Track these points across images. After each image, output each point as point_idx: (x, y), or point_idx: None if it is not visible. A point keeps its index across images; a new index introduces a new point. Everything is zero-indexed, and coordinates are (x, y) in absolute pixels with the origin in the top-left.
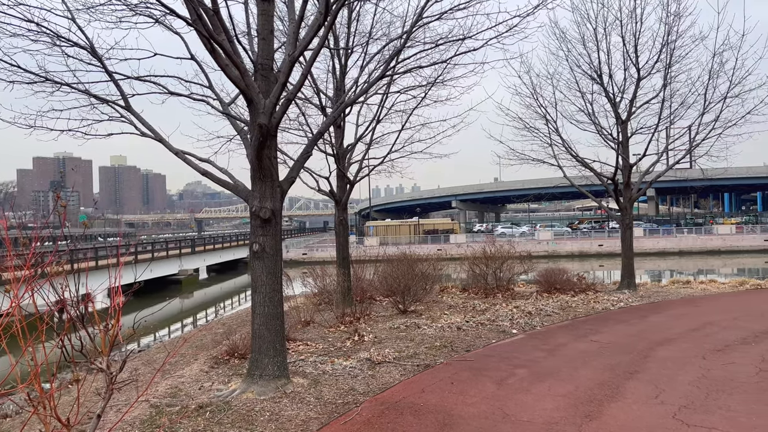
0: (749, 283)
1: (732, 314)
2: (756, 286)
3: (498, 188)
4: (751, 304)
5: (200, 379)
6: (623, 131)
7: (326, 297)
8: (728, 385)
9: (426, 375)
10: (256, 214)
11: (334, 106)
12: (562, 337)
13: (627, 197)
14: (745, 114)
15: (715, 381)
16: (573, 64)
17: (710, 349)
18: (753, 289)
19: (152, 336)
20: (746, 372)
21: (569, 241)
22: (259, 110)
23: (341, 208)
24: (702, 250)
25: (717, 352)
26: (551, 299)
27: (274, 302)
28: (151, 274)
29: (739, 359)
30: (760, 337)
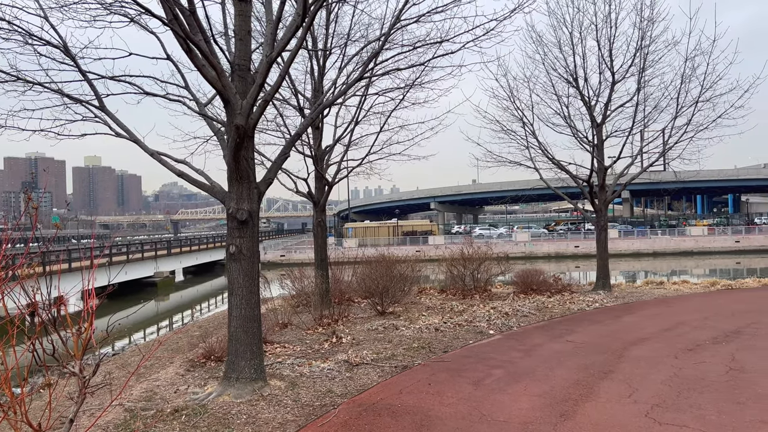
0: (720, 284)
1: (703, 314)
2: (726, 286)
3: (476, 190)
4: (722, 304)
5: (176, 383)
6: (598, 134)
7: (304, 299)
8: (699, 384)
9: (404, 376)
10: (232, 216)
11: (312, 107)
12: (539, 338)
13: (602, 199)
14: (717, 118)
15: (686, 380)
16: (549, 68)
17: (682, 348)
18: (724, 290)
19: (127, 339)
20: (716, 371)
21: (546, 242)
22: (236, 111)
23: (319, 209)
24: (675, 251)
25: (688, 351)
26: (528, 300)
27: (251, 304)
28: (126, 276)
29: (710, 358)
30: (730, 336)
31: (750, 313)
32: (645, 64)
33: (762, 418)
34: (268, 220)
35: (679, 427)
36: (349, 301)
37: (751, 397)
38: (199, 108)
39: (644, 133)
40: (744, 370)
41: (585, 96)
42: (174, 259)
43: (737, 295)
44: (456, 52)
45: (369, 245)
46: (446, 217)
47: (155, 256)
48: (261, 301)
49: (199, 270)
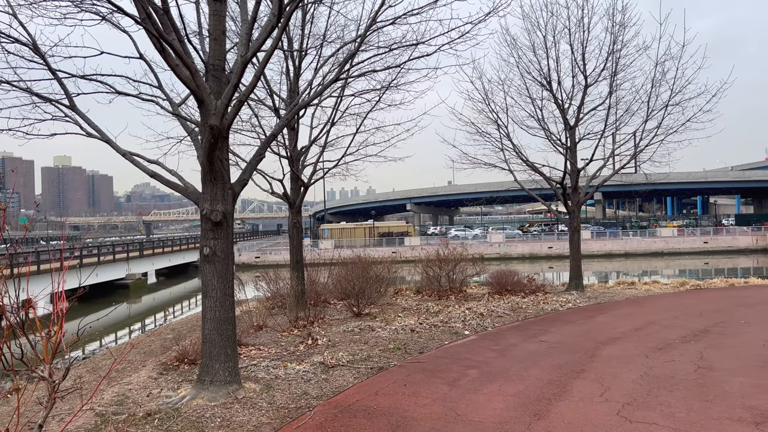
0: (689, 284)
1: (673, 314)
2: (695, 286)
3: (451, 191)
4: (691, 304)
5: (148, 386)
6: (571, 136)
7: (279, 301)
8: (668, 382)
9: (380, 377)
10: (206, 217)
11: (287, 108)
12: (513, 338)
13: (575, 201)
14: (686, 122)
15: (656, 378)
16: (524, 71)
17: (652, 347)
18: (693, 290)
19: (98, 342)
20: (685, 369)
21: (520, 243)
22: (210, 111)
23: (295, 210)
24: (646, 252)
25: (659, 350)
26: (502, 300)
27: (225, 307)
28: (97, 278)
29: (679, 357)
30: (699, 335)
31: (718, 312)
32: (617, 68)
33: (729, 416)
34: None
35: (649, 425)
36: (325, 303)
37: (719, 394)
38: (173, 108)
39: (616, 136)
40: (712, 368)
41: (558, 99)
42: (146, 260)
43: (705, 294)
44: (432, 55)
45: (345, 246)
46: (422, 218)
47: (127, 258)
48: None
49: (172, 272)
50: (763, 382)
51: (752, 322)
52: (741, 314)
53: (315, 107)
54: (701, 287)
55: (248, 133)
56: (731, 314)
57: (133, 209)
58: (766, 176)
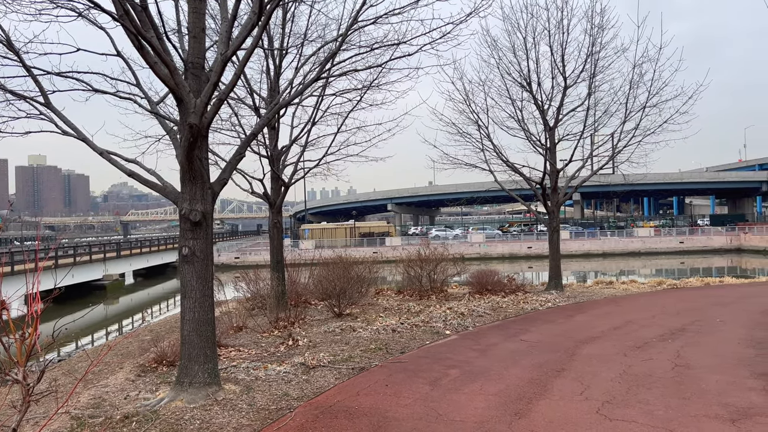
0: (666, 283)
1: (651, 313)
2: (672, 285)
3: (432, 192)
4: (668, 303)
5: (126, 388)
6: (551, 137)
7: (259, 301)
8: (647, 380)
9: (361, 378)
10: (185, 217)
11: (268, 107)
12: (494, 337)
13: (554, 201)
14: (663, 123)
15: (635, 377)
16: (504, 72)
17: (631, 346)
18: (669, 289)
19: (74, 344)
20: (663, 367)
21: (500, 243)
22: (189, 110)
23: (275, 210)
24: (624, 252)
25: (637, 349)
26: (483, 300)
27: (205, 307)
28: (73, 279)
29: (657, 355)
30: (676, 334)
31: (694, 311)
32: (596, 69)
33: (706, 413)
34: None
35: (628, 422)
36: (306, 303)
37: (696, 392)
38: (151, 106)
39: (594, 137)
40: (689, 366)
41: (538, 100)
42: (124, 261)
43: (682, 293)
44: (413, 55)
45: (326, 247)
46: (403, 218)
47: (104, 259)
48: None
49: (150, 272)
50: (738, 379)
51: (727, 321)
52: (716, 313)
53: (296, 106)
54: (678, 286)
55: (228, 132)
56: (707, 313)
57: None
58: (739, 177)
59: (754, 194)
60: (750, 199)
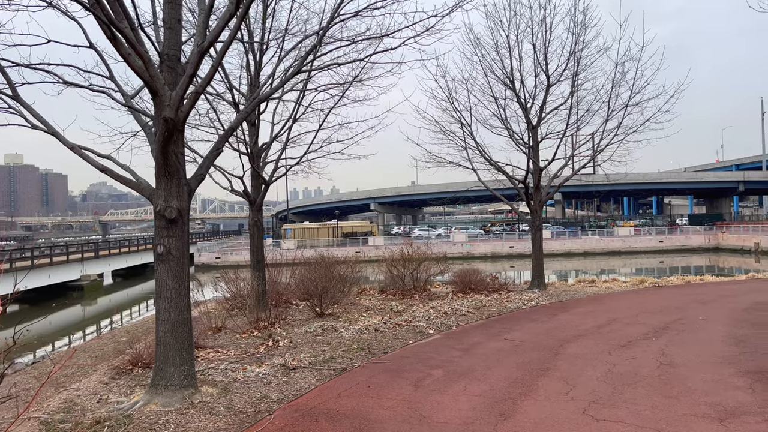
0: (648, 282)
1: (634, 311)
2: (653, 284)
3: (415, 191)
4: (650, 301)
5: (99, 392)
6: (534, 136)
7: (240, 302)
8: (632, 380)
9: (342, 379)
10: (160, 214)
11: (247, 102)
12: (477, 337)
13: (537, 200)
14: (645, 121)
15: (620, 376)
16: (487, 70)
17: (615, 345)
18: (651, 287)
19: (50, 346)
20: (648, 366)
21: (482, 242)
22: (164, 103)
23: (255, 209)
24: (604, 251)
25: (621, 347)
26: (466, 299)
27: (181, 308)
28: (49, 280)
29: (642, 354)
30: (659, 332)
31: (676, 309)
32: (578, 68)
33: (693, 412)
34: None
35: (615, 422)
36: (287, 303)
37: (682, 391)
38: (126, 100)
39: (577, 136)
40: (673, 364)
41: (521, 98)
42: (102, 261)
43: (664, 292)
44: (396, 49)
45: (308, 246)
46: (386, 218)
47: (81, 259)
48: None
49: (130, 273)
50: (723, 378)
51: (709, 319)
52: (698, 311)
53: (277, 103)
54: (659, 285)
55: (207, 128)
56: (689, 311)
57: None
58: (717, 177)
59: (731, 194)
60: (727, 198)
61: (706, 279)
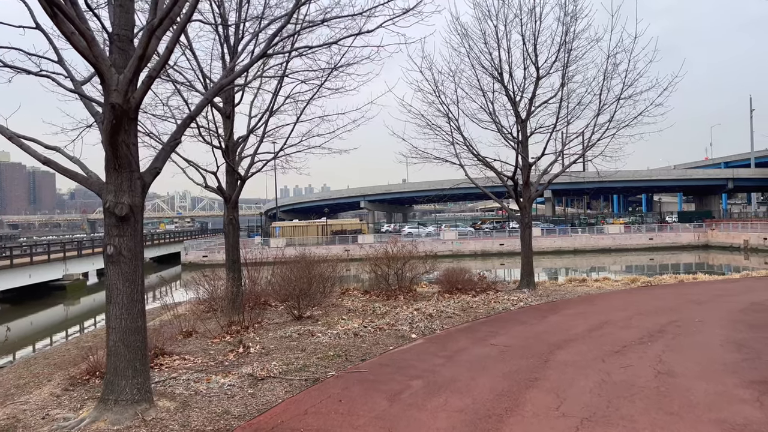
0: (640, 281)
1: (627, 312)
2: (646, 283)
3: (405, 189)
4: (643, 302)
5: (48, 405)
6: (523, 130)
7: (216, 304)
8: (629, 391)
9: (314, 391)
10: (110, 211)
11: (222, 94)
12: (462, 341)
13: (527, 196)
14: (638, 115)
15: (615, 386)
16: (474, 61)
17: (609, 350)
18: (644, 287)
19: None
20: (645, 375)
21: (473, 240)
22: (111, 87)
23: (231, 206)
24: (594, 249)
25: (615, 353)
26: (453, 300)
27: (133, 314)
28: (30, 279)
29: (637, 361)
30: (655, 336)
31: (671, 310)
32: (569, 59)
33: (699, 431)
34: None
35: None
36: (265, 305)
37: (684, 405)
38: (75, 86)
39: (567, 130)
40: (672, 373)
41: (510, 91)
42: (86, 260)
43: (657, 291)
44: (374, 31)
45: (297, 245)
46: (376, 216)
47: (64, 258)
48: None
49: None
50: (727, 389)
51: (706, 321)
52: (694, 312)
53: (254, 95)
54: (652, 284)
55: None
56: (684, 312)
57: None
58: (706, 175)
59: (719, 191)
60: (716, 196)
61: (699, 278)
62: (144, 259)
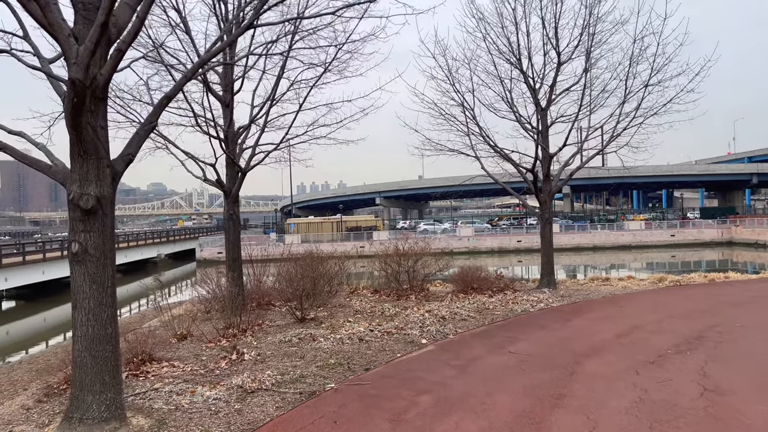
0: (667, 280)
1: (657, 315)
2: (674, 282)
3: (421, 185)
4: (674, 304)
5: (14, 420)
6: (543, 119)
7: (217, 304)
8: (671, 413)
9: (307, 408)
10: (74, 203)
11: (221, 81)
12: (477, 348)
13: (547, 190)
14: (667, 102)
15: (654, 407)
16: (491, 46)
17: (642, 360)
18: (672, 286)
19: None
20: (689, 393)
21: (489, 237)
22: (70, 60)
23: (231, 200)
24: (614, 245)
25: (650, 364)
26: (467, 300)
27: (102, 321)
28: (43, 276)
29: (677, 374)
30: (693, 343)
31: (706, 313)
32: (592, 43)
33: None
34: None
35: None
36: (269, 306)
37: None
38: (42, 64)
39: (590, 120)
40: (720, 390)
41: (529, 78)
42: None
43: (687, 292)
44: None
45: (312, 241)
46: (392, 212)
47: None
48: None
49: (130, 268)
50: None
51: (748, 325)
52: (733, 315)
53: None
54: (681, 283)
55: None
56: (722, 315)
57: None
58: (729, 170)
59: (743, 187)
60: (739, 191)
61: (731, 276)
62: (114, 258)
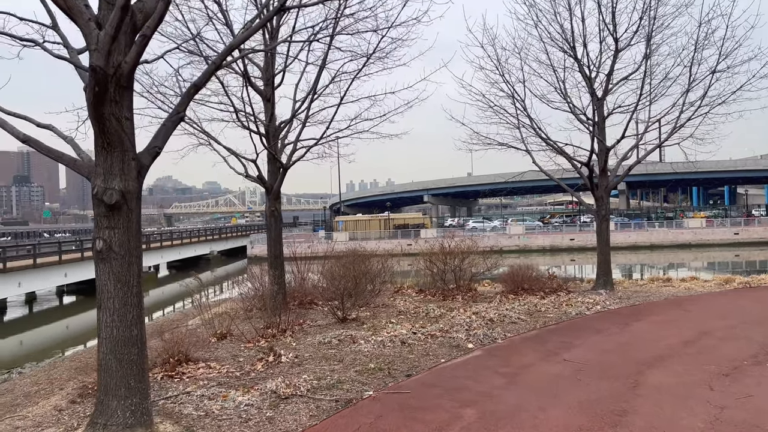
0: (736, 281)
1: (728, 320)
2: (744, 284)
3: (470, 182)
4: (746, 307)
5: (45, 422)
6: (599, 110)
7: (259, 302)
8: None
9: (342, 418)
10: (98, 198)
11: (262, 76)
12: (528, 355)
13: (603, 185)
14: (737, 89)
15: (735, 428)
16: (543, 33)
17: (715, 372)
18: (741, 288)
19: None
20: None
21: (541, 235)
22: (90, 47)
23: (272, 196)
24: (673, 244)
25: (725, 377)
26: (517, 302)
27: (127, 322)
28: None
29: (757, 389)
30: None
31: None
32: (653, 28)
33: None
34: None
35: None
36: (312, 305)
37: None
38: (71, 56)
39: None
40: None
41: (584, 66)
42: (155, 253)
43: (759, 294)
44: None
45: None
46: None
47: None
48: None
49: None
50: None
51: None
52: None
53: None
54: (751, 285)
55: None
56: None
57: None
58: None
59: None
60: None
61: None
62: (141, 257)
